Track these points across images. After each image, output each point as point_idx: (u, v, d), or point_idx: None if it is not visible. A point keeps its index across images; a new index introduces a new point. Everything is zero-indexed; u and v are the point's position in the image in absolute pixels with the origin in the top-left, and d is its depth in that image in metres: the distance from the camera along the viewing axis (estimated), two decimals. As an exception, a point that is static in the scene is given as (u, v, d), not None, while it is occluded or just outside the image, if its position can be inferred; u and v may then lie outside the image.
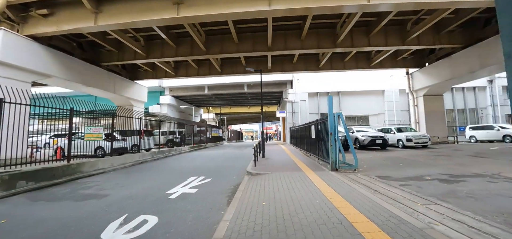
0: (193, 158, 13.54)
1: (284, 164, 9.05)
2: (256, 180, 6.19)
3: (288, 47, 13.67)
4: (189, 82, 26.66)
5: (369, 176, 6.32)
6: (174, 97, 28.60)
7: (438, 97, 18.11)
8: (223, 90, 27.13)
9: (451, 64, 14.73)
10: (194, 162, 11.52)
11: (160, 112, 27.09)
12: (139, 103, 20.79)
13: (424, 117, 17.94)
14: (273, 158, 11.10)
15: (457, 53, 14.27)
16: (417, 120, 18.68)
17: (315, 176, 6.24)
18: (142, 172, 8.94)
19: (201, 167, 9.66)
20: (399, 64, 18.46)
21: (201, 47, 13.73)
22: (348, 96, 24.50)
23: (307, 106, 24.23)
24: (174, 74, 19.43)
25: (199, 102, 36.00)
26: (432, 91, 17.61)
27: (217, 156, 14.41)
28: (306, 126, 12.63)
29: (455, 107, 24.59)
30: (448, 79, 15.13)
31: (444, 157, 9.75)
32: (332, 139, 7.05)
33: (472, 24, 13.31)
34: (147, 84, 26.01)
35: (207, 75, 19.10)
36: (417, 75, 18.47)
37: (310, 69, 18.27)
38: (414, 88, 18.77)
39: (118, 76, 17.90)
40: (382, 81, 24.30)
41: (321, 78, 24.50)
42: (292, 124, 23.84)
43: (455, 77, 14.61)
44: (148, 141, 15.43)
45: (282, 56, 18.11)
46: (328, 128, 7.18)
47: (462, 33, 13.75)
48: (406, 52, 17.22)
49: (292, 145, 20.71)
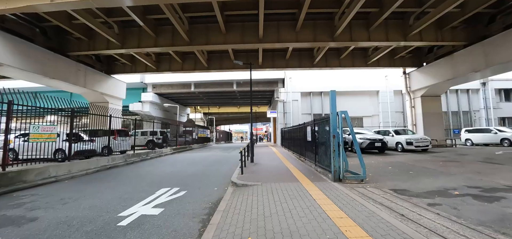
0: (173, 162, 12.05)
1: (276, 171, 7.79)
2: (241, 195, 4.90)
3: (282, 39, 12.47)
4: (174, 78, 24.99)
5: (381, 189, 5.17)
6: (157, 95, 26.79)
7: (436, 98, 17.51)
8: (211, 88, 25.63)
9: (453, 63, 14.04)
10: (173, 167, 10.07)
11: (141, 111, 25.23)
12: (115, 100, 18.98)
13: (421, 119, 17.27)
14: (263, 163, 9.83)
15: (460, 51, 13.58)
16: (414, 121, 18.01)
17: (316, 190, 5.02)
18: (104, 180, 7.43)
19: (179, 174, 8.24)
20: (397, 63, 17.73)
21: (184, 37, 12.28)
22: (342, 96, 23.63)
23: (299, 106, 23.18)
24: (156, 69, 17.80)
25: (185, 101, 34.24)
26: (430, 92, 16.96)
27: (201, 159, 12.99)
28: (300, 127, 11.45)
29: (449, 109, 24.32)
30: (450, 78, 14.44)
31: (453, 163, 8.82)
32: (335, 143, 5.87)
33: (476, 20, 12.63)
34: (126, 80, 24.12)
35: (192, 70, 17.61)
36: (415, 75, 17.80)
37: (304, 66, 17.18)
38: (412, 88, 18.09)
39: (90, 68, 16.07)
40: (377, 82, 23.66)
41: (315, 77, 23.55)
42: (284, 125, 22.71)
43: (457, 77, 13.92)
44: (123, 142, 13.78)
45: (274, 50, 16.94)
46: (330, 129, 5.99)
47: (465, 30, 13.06)
48: (404, 50, 16.49)
49: (283, 148, 19.55)
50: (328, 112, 22.07)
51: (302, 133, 11.00)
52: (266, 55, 17.09)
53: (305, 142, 10.04)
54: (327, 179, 6.19)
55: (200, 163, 11.33)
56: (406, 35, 12.65)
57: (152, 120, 20.01)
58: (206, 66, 17.23)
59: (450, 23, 12.37)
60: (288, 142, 16.85)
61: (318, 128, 7.75)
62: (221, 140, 49.58)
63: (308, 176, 6.75)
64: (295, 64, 17.15)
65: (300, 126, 11.49)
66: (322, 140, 7.29)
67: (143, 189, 6.11)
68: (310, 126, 9.04)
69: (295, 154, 12.77)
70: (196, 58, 17.20)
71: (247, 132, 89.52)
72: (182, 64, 17.57)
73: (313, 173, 7.27)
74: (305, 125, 10.18)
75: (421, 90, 17.30)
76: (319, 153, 7.68)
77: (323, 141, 7.12)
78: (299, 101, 23.24)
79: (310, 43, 12.69)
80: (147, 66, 17.85)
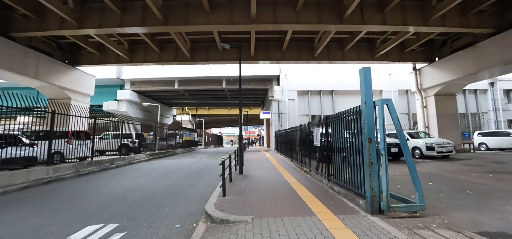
0: (141, 173, 9.58)
1: (274, 190, 5.52)
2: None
3: (279, 20, 10.29)
4: (155, 73, 22.41)
5: (459, 231, 2.99)
6: (136, 92, 24.10)
7: (451, 98, 15.77)
8: (197, 86, 23.18)
9: (477, 55, 12.27)
10: (136, 181, 7.63)
11: (117, 111, 22.47)
12: (81, 97, 16.26)
13: (435, 121, 15.44)
14: (256, 175, 7.53)
15: (486, 41, 11.82)
16: (427, 123, 16.18)
17: (349, 236, 2.78)
18: (20, 204, 4.97)
19: (135, 194, 5.84)
20: (407, 58, 15.90)
21: (157, 14, 9.91)
22: (342, 96, 21.76)
23: (296, 106, 21.07)
24: (129, 59, 15.26)
25: (169, 101, 31.58)
26: (445, 90, 15.19)
27: (179, 168, 10.57)
28: (302, 128, 9.25)
29: (457, 111, 22.78)
30: (472, 73, 12.66)
31: (503, 175, 6.80)
32: (372, 151, 3.69)
33: (507, 5, 10.86)
34: (100, 75, 21.46)
35: (173, 61, 15.17)
36: (427, 71, 16.01)
37: (303, 58, 15.07)
38: (423, 86, 16.28)
39: (46, 56, 13.39)
40: (380, 81, 21.88)
41: (313, 75, 21.55)
42: (279, 127, 20.51)
43: (482, 70, 12.14)
44: (81, 146, 11.13)
45: (269, 40, 14.79)
46: (364, 128, 3.83)
47: (494, 15, 11.28)
48: (416, 42, 14.65)
49: (278, 153, 17.32)
50: (327, 113, 19.50)
51: (304, 136, 8.80)
52: (260, 46, 14.89)
53: (310, 148, 7.85)
54: (357, 207, 3.97)
55: (175, 174, 8.92)
56: (427, 19, 10.74)
57: (129, 121, 17.41)
58: (189, 57, 14.84)
59: (478, 6, 10.57)
60: (284, 146, 14.65)
61: (334, 128, 5.57)
62: (210, 143, 46.93)
63: (323, 200, 4.51)
64: (293, 56, 15.02)
65: (302, 128, 9.29)
66: (340, 146, 5.12)
67: (61, 224, 3.74)
68: (318, 126, 6.85)
69: (295, 162, 10.55)
70: (177, 48, 14.81)
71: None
72: (160, 54, 15.11)
73: (329, 194, 5.03)
74: (310, 126, 7.99)
75: (435, 88, 15.51)
76: (334, 163, 5.50)
77: (342, 146, 4.97)
78: (295, 101, 21.13)
79: (314, 26, 10.57)
80: (118, 57, 15.29)
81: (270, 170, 8.89)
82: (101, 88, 23.96)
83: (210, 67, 21.93)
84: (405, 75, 21.72)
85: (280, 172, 8.22)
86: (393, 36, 13.73)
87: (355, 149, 4.25)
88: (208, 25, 10.41)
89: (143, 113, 26.05)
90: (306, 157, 8.45)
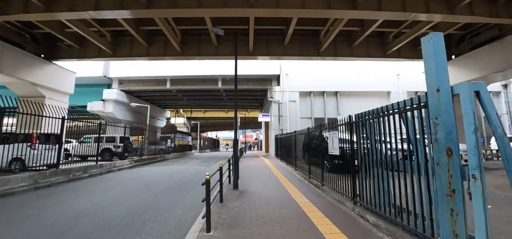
0: (115, 184, 7.97)
1: (281, 219, 3.98)
2: None
3: (282, 4, 8.84)
4: (145, 72, 20.83)
5: None
6: (125, 92, 22.48)
7: (470, 99, 14.36)
8: (191, 86, 21.62)
9: (505, 50, 10.90)
10: (102, 198, 6.03)
11: (102, 112, 20.79)
12: (58, 95, 14.63)
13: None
14: (255, 193, 5.97)
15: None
16: (443, 128, 14.73)
17: None
18: None
19: (90, 219, 4.26)
20: (420, 54, 14.46)
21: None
22: (347, 97, 20.35)
23: (297, 108, 19.60)
24: (112, 53, 13.69)
25: (162, 102, 29.96)
26: (464, 90, 13.78)
27: (163, 178, 8.98)
28: (309, 132, 7.75)
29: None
30: (499, 70, 11.31)
31: None
32: (452, 170, 2.18)
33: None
34: (83, 71, 19.90)
35: (162, 56, 13.63)
36: (443, 70, 14.63)
37: (307, 54, 13.63)
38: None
39: (12, 47, 11.79)
40: (388, 81, 20.54)
41: (315, 74, 20.13)
42: (279, 131, 19.00)
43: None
44: (50, 152, 9.47)
45: (269, 33, 13.37)
46: (437, 132, 2.33)
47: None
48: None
49: (279, 159, 15.79)
50: (332, 116, 17.62)
51: (314, 141, 7.31)
52: (259, 40, 13.43)
53: (322, 156, 6.34)
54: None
55: (156, 186, 7.33)
56: (453, 7, 9.37)
57: (116, 123, 15.74)
58: (180, 51, 13.32)
59: (510, -8, 9.24)
60: (285, 152, 13.14)
61: (364, 131, 4.08)
62: (206, 147, 45.21)
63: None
64: (296, 52, 13.57)
65: (310, 131, 7.79)
66: (375, 156, 3.63)
67: None
68: (336, 130, 5.35)
69: (300, 172, 9.03)
70: (166, 41, 13.30)
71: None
72: (148, 48, 13.58)
73: (361, 228, 3.49)
74: (322, 130, 6.49)
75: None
76: (364, 180, 4.00)
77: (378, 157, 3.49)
78: (297, 102, 19.66)
79: (322, 12, 9.13)
80: (100, 50, 13.72)
81: (272, 182, 7.34)
82: (87, 87, 22.35)
83: (205, 66, 20.44)
84: (414, 76, 20.45)
85: (284, 186, 6.67)
86: (408, 29, 12.39)
87: (417, 162, 2.74)
88: (199, 9, 8.91)
89: (133, 115, 24.39)
90: (316, 167, 6.93)
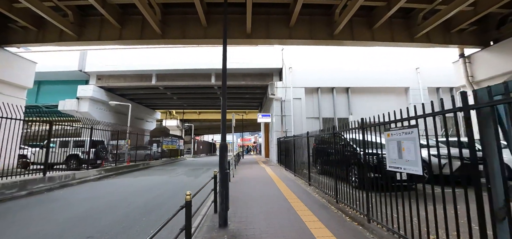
0: (46, 213, 5.47)
1: None
2: None
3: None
4: (126, 66, 18.34)
5: None
6: (104, 89, 19.93)
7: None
8: (180, 82, 19.12)
9: None
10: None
11: (77, 111, 18.22)
12: (10, 89, 12.12)
13: (497, 125, 11.62)
14: (255, 235, 3.47)
15: None
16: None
17: None
18: None
19: None
20: (454, 39, 12.23)
21: None
22: (360, 94, 17.96)
23: (303, 107, 17.15)
24: (76, 37, 11.21)
25: (151, 102, 27.42)
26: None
27: (129, 198, 6.48)
28: (334, 133, 5.35)
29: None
30: None
31: None
32: None
33: None
34: (54, 64, 17.48)
35: (138, 39, 11.16)
36: (482, 58, 12.34)
37: (317, 37, 11.25)
38: (476, 78, 12.56)
39: None
40: (406, 76, 18.22)
41: (323, 67, 17.74)
42: (282, 133, 16.54)
43: None
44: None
45: (270, 11, 10.98)
46: None
47: None
48: (467, 19, 11.02)
49: (283, 167, 13.33)
50: (342, 116, 14.99)
51: (350, 149, 4.89)
52: (258, 20, 11.04)
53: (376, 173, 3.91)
54: None
55: (105, 217, 4.86)
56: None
57: (89, 125, 13.13)
58: (160, 33, 10.87)
59: None
60: (291, 159, 10.70)
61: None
62: (201, 152, 42.62)
63: None
64: (304, 34, 11.18)
65: (336, 133, 5.36)
66: None
67: None
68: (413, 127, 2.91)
69: (318, 189, 6.56)
70: (144, 21, 10.89)
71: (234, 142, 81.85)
72: (121, 30, 11.13)
73: None
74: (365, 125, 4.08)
75: (494, 80, 11.77)
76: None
77: None
78: (302, 100, 17.22)
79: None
80: (62, 33, 11.24)
81: (282, 211, 4.85)
82: (60, 85, 19.85)
83: (195, 58, 18.02)
84: (436, 69, 18.16)
85: (303, 221, 4.17)
86: (443, 6, 10.07)
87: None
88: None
89: (115, 116, 21.80)
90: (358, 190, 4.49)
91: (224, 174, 3.93)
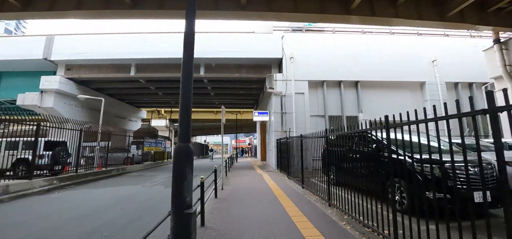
0: None
1: None
2: None
3: None
4: (101, 54, 15.83)
5: None
6: (74, 81, 17.36)
7: None
8: (164, 73, 16.74)
9: None
10: None
11: (39, 107, 15.61)
12: None
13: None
14: None
15: None
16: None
17: None
18: None
19: None
20: (491, 20, 10.28)
21: None
22: (370, 89, 15.91)
23: (306, 103, 14.99)
24: (20, 6, 8.80)
25: (134, 98, 24.87)
26: (561, 71, 9.58)
27: (49, 232, 4.13)
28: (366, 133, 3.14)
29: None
30: None
31: None
32: None
33: None
34: (12, 52, 15.04)
35: (101, 10, 8.82)
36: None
37: (330, 11, 9.12)
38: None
39: None
40: (421, 69, 16.27)
41: (329, 57, 15.64)
42: (282, 132, 14.35)
43: None
44: None
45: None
46: None
47: None
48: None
49: (285, 175, 11.12)
50: (351, 114, 12.50)
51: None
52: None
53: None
54: None
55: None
56: None
57: (55, 123, 10.52)
58: (130, 2, 8.55)
59: None
60: (295, 164, 8.52)
61: None
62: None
63: None
64: (314, 6, 9.03)
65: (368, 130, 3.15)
66: None
67: None
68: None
69: (340, 211, 4.34)
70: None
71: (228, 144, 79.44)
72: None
73: None
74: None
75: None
76: None
77: None
78: (305, 95, 15.07)
79: None
80: (3, 2, 8.80)
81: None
82: (21, 76, 17.25)
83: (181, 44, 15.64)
84: (454, 63, 16.30)
85: None
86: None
87: None
88: None
89: (89, 113, 19.21)
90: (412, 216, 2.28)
91: (183, 218, 1.69)
